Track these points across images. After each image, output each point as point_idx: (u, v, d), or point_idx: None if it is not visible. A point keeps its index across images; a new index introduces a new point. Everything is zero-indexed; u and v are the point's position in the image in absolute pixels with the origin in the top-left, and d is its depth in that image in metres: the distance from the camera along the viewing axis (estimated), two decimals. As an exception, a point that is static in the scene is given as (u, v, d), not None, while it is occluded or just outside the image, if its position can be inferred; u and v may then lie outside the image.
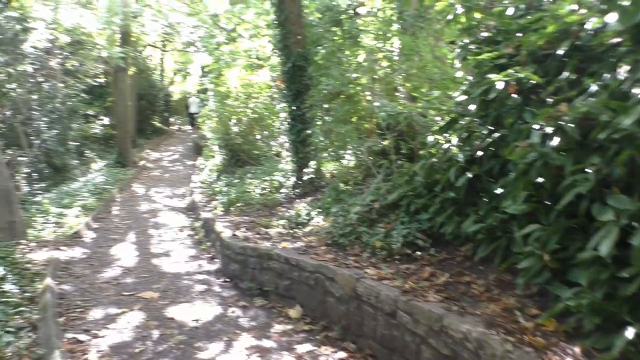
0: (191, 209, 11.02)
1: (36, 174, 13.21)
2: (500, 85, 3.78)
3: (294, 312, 5.12)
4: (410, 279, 4.07)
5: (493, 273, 3.80)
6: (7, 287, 5.59)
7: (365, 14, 8.85)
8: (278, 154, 12.52)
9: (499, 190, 3.77)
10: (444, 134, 4.76)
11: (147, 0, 19.98)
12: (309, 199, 7.86)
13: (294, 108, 8.65)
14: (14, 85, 11.88)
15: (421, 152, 5.78)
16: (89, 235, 9.27)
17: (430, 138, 4.92)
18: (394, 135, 6.03)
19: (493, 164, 4.00)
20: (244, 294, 5.89)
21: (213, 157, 14.66)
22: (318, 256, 5.06)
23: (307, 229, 6.38)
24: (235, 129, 12.71)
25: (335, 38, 7.85)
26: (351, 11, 11.46)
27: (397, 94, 6.92)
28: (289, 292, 5.32)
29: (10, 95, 11.65)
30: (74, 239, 8.81)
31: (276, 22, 8.81)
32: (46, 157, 14.04)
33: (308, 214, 6.96)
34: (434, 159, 4.79)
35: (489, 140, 4.00)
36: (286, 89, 8.85)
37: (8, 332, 4.62)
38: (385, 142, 6.21)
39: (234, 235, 6.87)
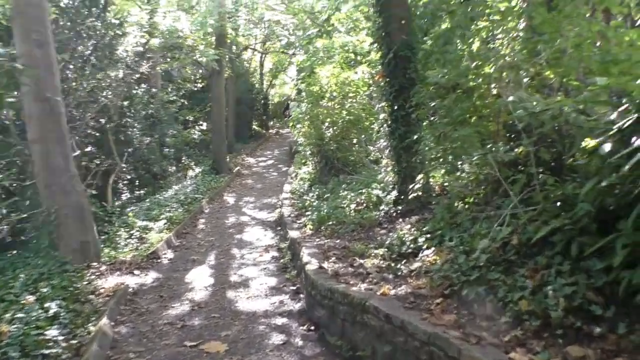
0: (279, 224, 9.87)
1: (129, 184, 12.77)
2: None
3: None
4: (589, 378, 2.48)
5: None
6: (52, 333, 4.62)
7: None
8: (377, 161, 11.06)
9: None
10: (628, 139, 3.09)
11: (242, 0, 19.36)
12: (414, 218, 6.33)
13: (395, 107, 7.10)
14: (105, 93, 11.38)
15: (576, 163, 4.13)
16: (167, 255, 8.42)
17: (607, 147, 3.24)
18: (534, 141, 4.39)
19: None
20: (332, 354, 4.49)
21: (305, 164, 13.50)
22: (433, 317, 3.56)
23: (414, 265, 4.85)
24: (329, 133, 11.42)
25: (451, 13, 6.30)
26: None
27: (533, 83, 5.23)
28: (391, 361, 3.85)
29: (101, 101, 11.12)
30: (151, 259, 7.97)
31: (375, 6, 7.38)
32: (144, 165, 13.64)
33: (414, 241, 5.44)
34: (611, 179, 3.14)
35: None
36: (386, 85, 7.33)
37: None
38: (519, 150, 4.58)
39: (321, 267, 5.52)
